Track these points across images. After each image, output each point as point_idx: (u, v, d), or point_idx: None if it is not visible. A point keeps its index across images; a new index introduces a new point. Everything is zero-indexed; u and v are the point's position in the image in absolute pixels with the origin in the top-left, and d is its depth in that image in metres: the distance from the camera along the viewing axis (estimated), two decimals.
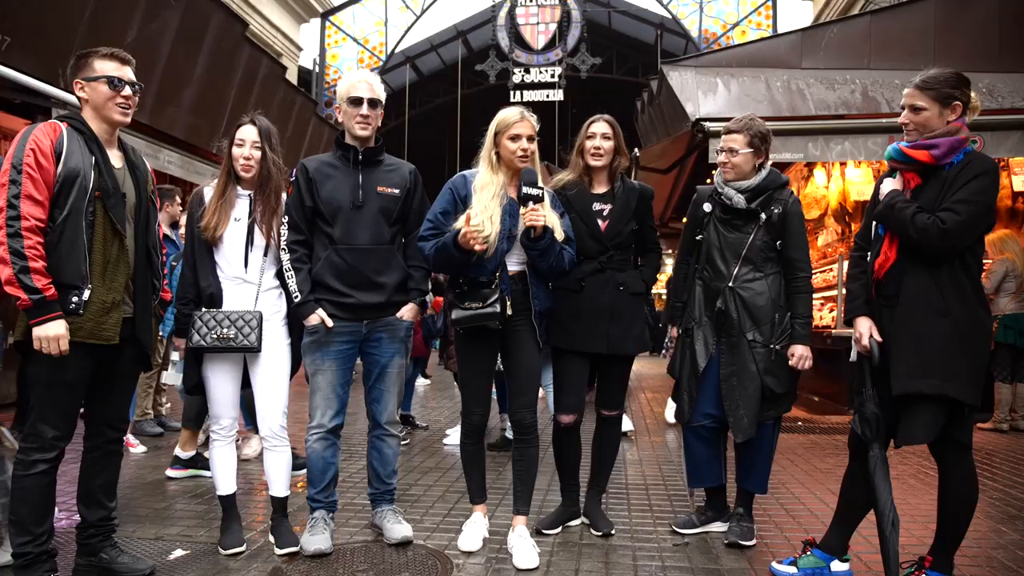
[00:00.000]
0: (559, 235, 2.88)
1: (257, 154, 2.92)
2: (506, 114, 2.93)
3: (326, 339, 2.91)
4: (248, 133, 2.92)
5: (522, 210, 2.81)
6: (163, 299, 2.84)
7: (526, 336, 2.95)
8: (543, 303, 2.98)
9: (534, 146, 2.93)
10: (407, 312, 3.03)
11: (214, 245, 2.89)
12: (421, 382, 8.59)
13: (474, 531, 3.00)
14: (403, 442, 5.02)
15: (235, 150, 2.91)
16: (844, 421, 6.18)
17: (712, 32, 15.63)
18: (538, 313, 2.95)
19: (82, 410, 2.57)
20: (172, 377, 3.02)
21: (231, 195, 2.92)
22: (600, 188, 3.21)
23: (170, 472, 4.11)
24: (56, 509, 2.63)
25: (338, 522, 3.19)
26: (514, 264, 2.92)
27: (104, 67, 2.50)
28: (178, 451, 4.14)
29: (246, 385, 2.99)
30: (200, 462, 4.08)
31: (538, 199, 2.79)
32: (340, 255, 2.91)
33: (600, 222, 3.13)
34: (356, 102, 2.94)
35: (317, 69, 16.59)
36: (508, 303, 2.83)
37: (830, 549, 2.70)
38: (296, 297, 2.88)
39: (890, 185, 2.58)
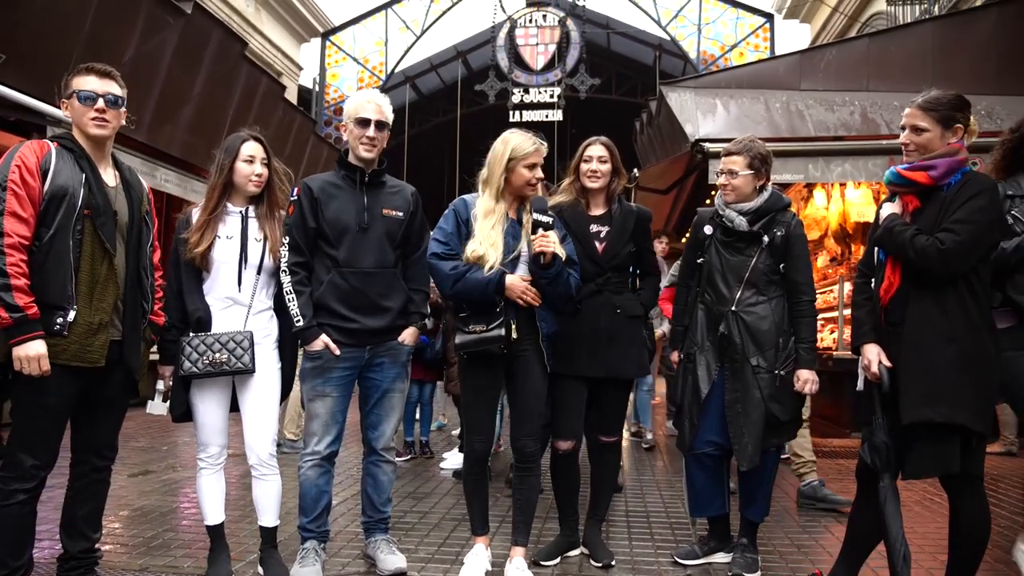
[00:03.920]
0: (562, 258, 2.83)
1: (266, 172, 2.86)
2: (521, 142, 2.84)
3: (328, 365, 2.83)
4: (256, 150, 2.84)
5: (533, 237, 2.77)
6: (154, 323, 2.72)
7: (532, 361, 2.88)
8: (550, 326, 2.91)
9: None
10: (408, 336, 2.98)
11: (203, 265, 2.77)
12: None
13: (476, 564, 2.89)
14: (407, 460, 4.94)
15: (244, 167, 2.81)
16: (847, 445, 6.08)
17: (710, 54, 15.72)
18: (545, 336, 2.89)
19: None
20: (157, 407, 2.91)
21: (221, 212, 2.82)
22: (597, 210, 3.16)
23: None
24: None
25: (329, 552, 3.09)
26: None
27: (81, 83, 2.46)
28: None
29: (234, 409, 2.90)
30: None
31: (549, 226, 2.76)
32: (344, 278, 2.84)
33: (597, 244, 3.09)
34: (363, 123, 2.88)
35: (317, 88, 16.64)
36: (514, 327, 2.77)
37: None
38: (298, 321, 2.80)
39: (889, 209, 2.55)
